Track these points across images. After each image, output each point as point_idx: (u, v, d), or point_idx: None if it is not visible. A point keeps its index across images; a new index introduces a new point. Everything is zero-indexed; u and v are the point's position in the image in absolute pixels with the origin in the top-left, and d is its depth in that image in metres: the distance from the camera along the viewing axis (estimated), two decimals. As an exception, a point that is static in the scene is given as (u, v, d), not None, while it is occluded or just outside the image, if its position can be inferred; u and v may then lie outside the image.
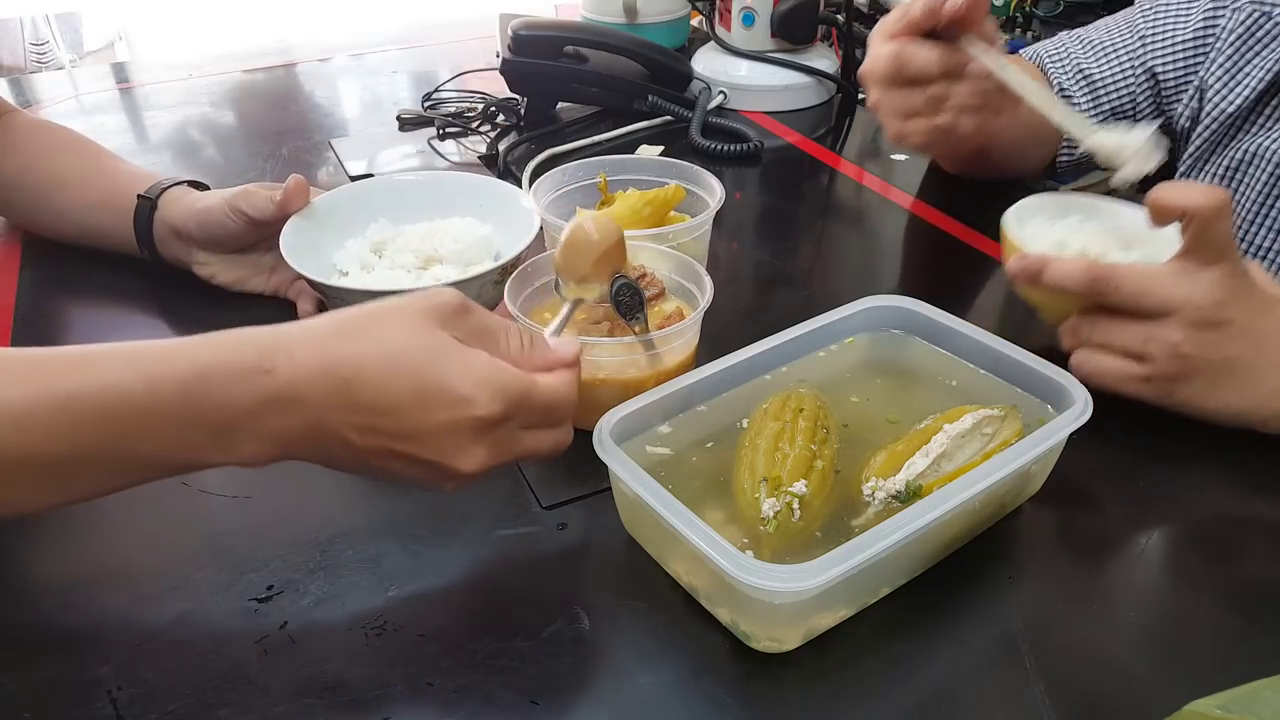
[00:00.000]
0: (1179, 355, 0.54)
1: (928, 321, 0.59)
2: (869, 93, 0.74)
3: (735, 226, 0.88)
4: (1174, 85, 0.82)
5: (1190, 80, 0.80)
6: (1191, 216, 0.52)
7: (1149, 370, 0.55)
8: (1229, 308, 0.53)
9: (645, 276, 0.62)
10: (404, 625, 0.47)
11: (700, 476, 0.51)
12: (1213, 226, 0.52)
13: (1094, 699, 0.44)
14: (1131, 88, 0.84)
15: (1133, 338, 0.55)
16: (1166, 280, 0.54)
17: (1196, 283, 0.53)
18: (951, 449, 0.49)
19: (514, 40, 1.03)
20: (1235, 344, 0.54)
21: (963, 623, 0.48)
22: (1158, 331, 0.54)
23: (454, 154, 1.02)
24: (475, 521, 0.54)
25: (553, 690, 0.44)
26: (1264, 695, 0.34)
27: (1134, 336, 0.55)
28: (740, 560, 0.41)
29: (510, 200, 0.74)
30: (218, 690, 0.44)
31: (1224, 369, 0.54)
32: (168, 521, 0.54)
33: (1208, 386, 0.55)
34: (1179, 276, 0.53)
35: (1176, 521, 0.55)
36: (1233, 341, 0.54)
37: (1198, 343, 0.53)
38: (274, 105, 1.18)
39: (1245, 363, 0.54)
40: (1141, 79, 0.83)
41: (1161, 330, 0.54)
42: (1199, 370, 0.54)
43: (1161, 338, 0.54)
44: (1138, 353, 0.55)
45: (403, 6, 1.60)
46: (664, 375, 0.57)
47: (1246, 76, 0.75)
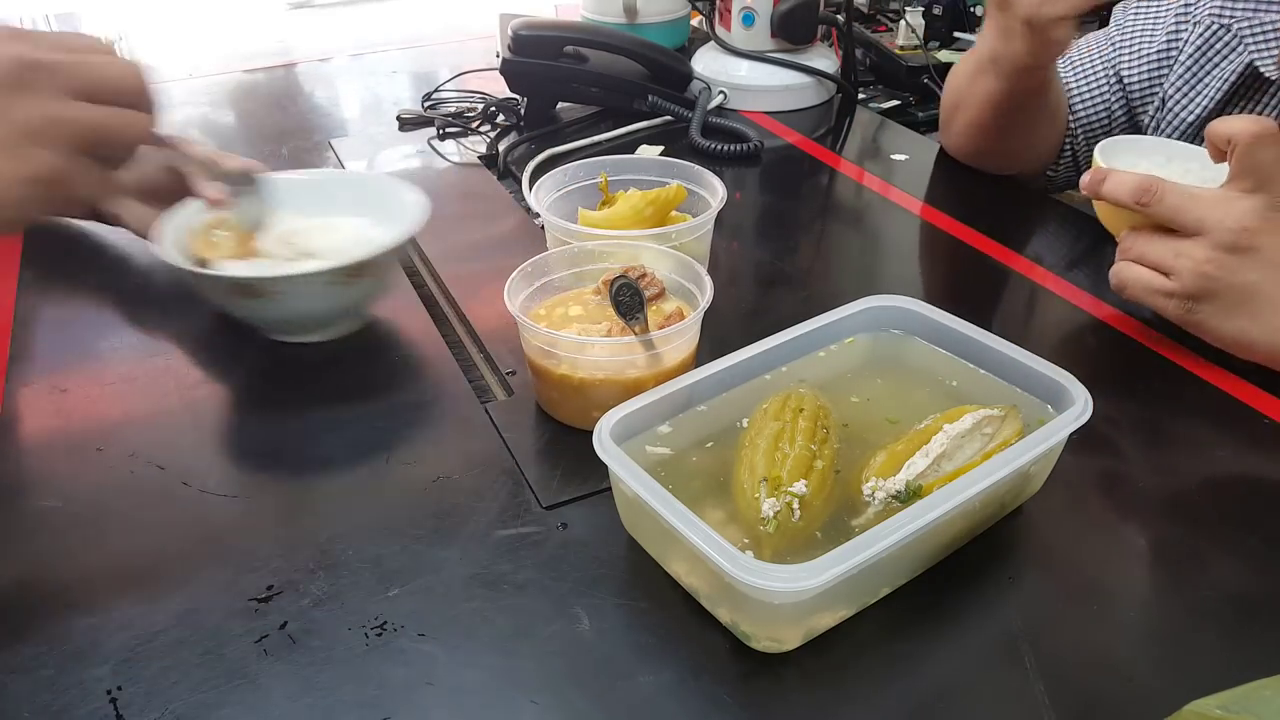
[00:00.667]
0: (1202, 274, 0.56)
1: (928, 321, 0.59)
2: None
3: (735, 226, 0.88)
4: (1139, 94, 0.85)
5: (1155, 90, 0.83)
6: (1237, 141, 0.54)
7: (1174, 286, 0.57)
8: (1258, 236, 0.55)
9: (645, 276, 0.62)
10: (404, 625, 0.47)
11: (700, 476, 0.51)
12: (1255, 153, 0.54)
13: (1094, 699, 0.44)
14: (1107, 98, 0.87)
15: (1165, 251, 0.57)
16: (1206, 200, 0.56)
17: (1231, 207, 0.55)
18: (951, 449, 0.49)
19: (514, 40, 1.03)
20: (1257, 272, 0.55)
21: (963, 623, 0.48)
22: (1187, 248, 0.56)
23: (454, 154, 1.02)
24: (475, 521, 0.54)
25: (552, 690, 0.44)
26: (1264, 695, 0.34)
27: (1166, 250, 0.57)
28: (740, 560, 0.41)
29: (410, 208, 0.70)
30: (218, 690, 0.44)
31: (1243, 294, 0.56)
32: (168, 521, 0.54)
33: (1224, 310, 0.57)
34: (1218, 199, 0.56)
35: (1177, 521, 0.54)
36: (1255, 269, 0.55)
37: (1221, 264, 0.55)
38: (274, 105, 1.18)
39: (1264, 292, 0.56)
40: (1115, 89, 0.86)
41: (1191, 247, 0.56)
42: (1219, 292, 0.56)
43: (1189, 253, 0.56)
44: (1168, 266, 0.57)
45: (403, 6, 1.60)
46: (664, 375, 0.57)
47: (1205, 87, 0.78)
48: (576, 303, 0.64)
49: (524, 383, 0.65)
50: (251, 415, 0.63)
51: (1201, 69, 0.78)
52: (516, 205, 0.91)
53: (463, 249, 0.84)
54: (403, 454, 0.59)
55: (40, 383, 0.66)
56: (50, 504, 0.56)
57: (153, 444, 0.60)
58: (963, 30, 1.23)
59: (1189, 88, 0.79)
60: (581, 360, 0.57)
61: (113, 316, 0.75)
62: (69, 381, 0.66)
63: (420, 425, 0.61)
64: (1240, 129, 0.55)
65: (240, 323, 0.68)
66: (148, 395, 0.65)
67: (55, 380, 0.66)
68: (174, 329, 0.72)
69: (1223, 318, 0.57)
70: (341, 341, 0.70)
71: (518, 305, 0.59)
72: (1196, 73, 0.79)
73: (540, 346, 0.58)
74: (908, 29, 1.20)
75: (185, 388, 0.65)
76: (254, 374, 0.67)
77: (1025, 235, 0.84)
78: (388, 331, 0.72)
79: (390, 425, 0.61)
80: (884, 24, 1.30)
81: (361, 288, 0.67)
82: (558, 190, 0.75)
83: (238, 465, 0.59)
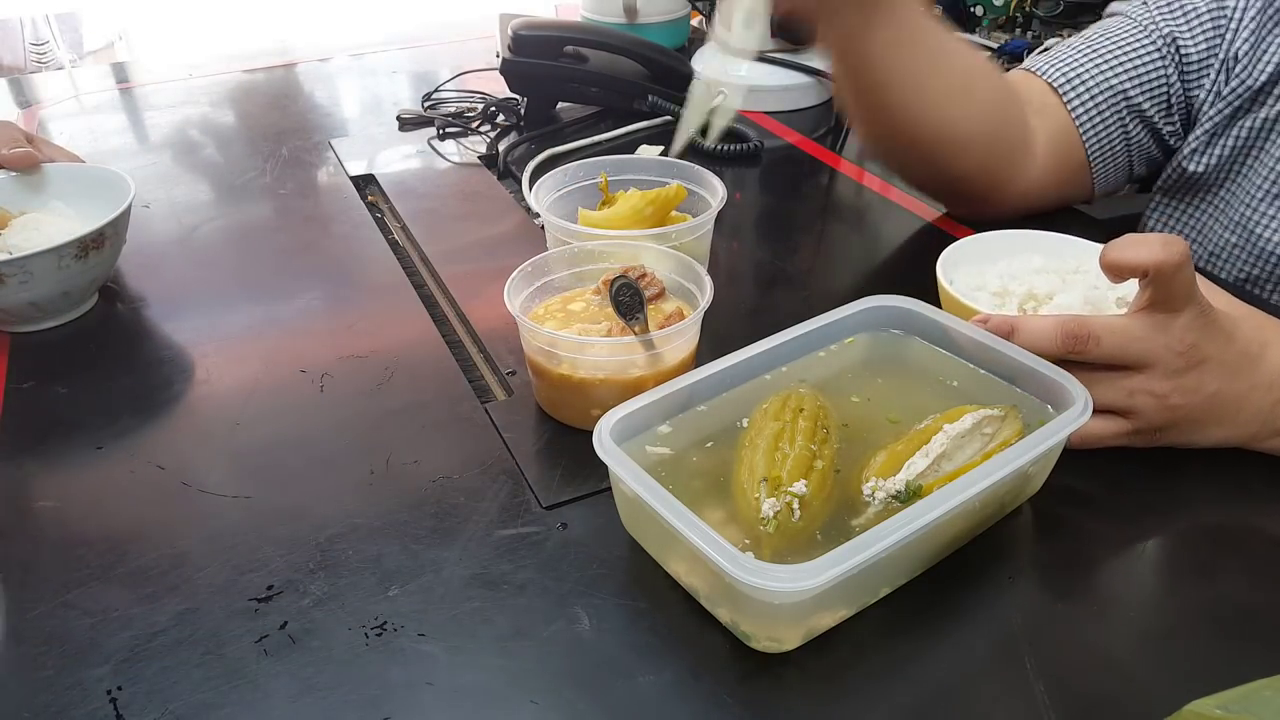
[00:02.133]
0: (1168, 408, 0.54)
1: (928, 321, 0.59)
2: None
3: (735, 226, 0.88)
4: (1198, 61, 0.77)
5: (1212, 57, 0.77)
6: (1155, 273, 0.51)
7: (1138, 425, 0.55)
8: (1203, 347, 0.53)
9: (645, 276, 0.62)
10: (404, 625, 0.47)
11: (700, 476, 0.51)
12: (1178, 278, 0.51)
13: (1094, 699, 0.44)
14: (1165, 69, 0.78)
15: (1115, 395, 0.54)
16: (1141, 333, 0.53)
17: (1172, 331, 0.52)
18: (951, 449, 0.49)
19: (514, 40, 1.03)
20: (1215, 380, 0.54)
21: (963, 623, 0.48)
22: (1140, 384, 0.54)
23: (454, 154, 1.02)
24: (475, 521, 0.54)
25: (553, 690, 0.44)
26: (1264, 695, 0.34)
27: (1116, 393, 0.54)
28: (740, 560, 0.41)
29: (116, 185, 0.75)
30: (218, 690, 0.44)
31: (1210, 407, 0.54)
32: (168, 521, 0.54)
33: (1196, 427, 0.55)
34: (1153, 328, 0.53)
35: (1177, 521, 0.55)
36: (1214, 379, 0.54)
37: (1184, 390, 0.53)
38: (274, 105, 1.18)
39: (1224, 396, 0.54)
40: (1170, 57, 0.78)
41: (1145, 382, 0.53)
42: (1186, 416, 0.54)
43: (1147, 390, 0.53)
44: (1123, 407, 0.54)
45: (403, 6, 1.60)
46: (664, 375, 0.57)
47: (1269, 49, 0.74)
48: (577, 302, 0.64)
49: (524, 383, 0.65)
50: (252, 415, 0.63)
51: (1268, 30, 0.74)
52: (516, 205, 0.91)
53: (463, 249, 0.84)
54: (403, 454, 0.59)
55: (40, 382, 0.66)
56: (50, 504, 0.56)
57: (153, 444, 0.60)
58: (963, 30, 1.23)
59: (1255, 50, 0.74)
60: (581, 360, 0.57)
61: (113, 315, 0.75)
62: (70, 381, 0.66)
63: (420, 425, 0.61)
64: (1160, 258, 0.50)
65: (239, 324, 0.68)
66: (148, 395, 0.65)
67: (56, 380, 0.66)
68: (174, 329, 0.73)
69: (1195, 433, 0.55)
70: (341, 341, 0.70)
71: (518, 305, 0.59)
72: (1262, 35, 0.74)
73: (540, 346, 0.58)
74: (908, 29, 1.20)
75: (186, 387, 0.65)
76: (252, 373, 0.67)
77: (1032, 224, 0.84)
78: (388, 332, 0.72)
79: (390, 425, 0.61)
80: (884, 24, 1.31)
81: (96, 263, 0.70)
82: (558, 190, 0.75)
83: (238, 465, 0.59)
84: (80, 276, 0.70)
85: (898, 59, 0.72)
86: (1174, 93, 0.79)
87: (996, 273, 0.66)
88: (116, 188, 0.75)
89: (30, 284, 0.67)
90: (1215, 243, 0.81)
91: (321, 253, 0.84)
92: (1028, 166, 0.80)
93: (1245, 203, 0.77)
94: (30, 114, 1.17)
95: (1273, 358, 0.55)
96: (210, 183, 0.98)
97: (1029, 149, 0.80)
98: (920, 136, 0.77)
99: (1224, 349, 0.54)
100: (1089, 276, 0.64)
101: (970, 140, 0.77)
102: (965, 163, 0.78)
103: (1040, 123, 0.80)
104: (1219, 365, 0.54)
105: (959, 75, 0.75)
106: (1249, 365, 0.54)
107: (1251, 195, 0.76)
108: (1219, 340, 0.54)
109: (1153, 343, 0.53)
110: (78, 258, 0.68)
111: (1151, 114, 0.79)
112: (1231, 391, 0.54)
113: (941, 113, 0.75)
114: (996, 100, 0.78)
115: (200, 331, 0.72)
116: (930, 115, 0.75)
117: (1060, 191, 0.83)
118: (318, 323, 0.73)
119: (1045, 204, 0.83)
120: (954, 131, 0.76)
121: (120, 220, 0.71)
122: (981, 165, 0.78)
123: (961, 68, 0.75)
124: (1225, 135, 0.77)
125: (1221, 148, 0.77)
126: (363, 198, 0.93)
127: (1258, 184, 0.76)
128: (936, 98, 0.75)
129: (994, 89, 0.78)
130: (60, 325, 0.72)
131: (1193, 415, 0.54)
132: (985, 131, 0.77)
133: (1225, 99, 0.76)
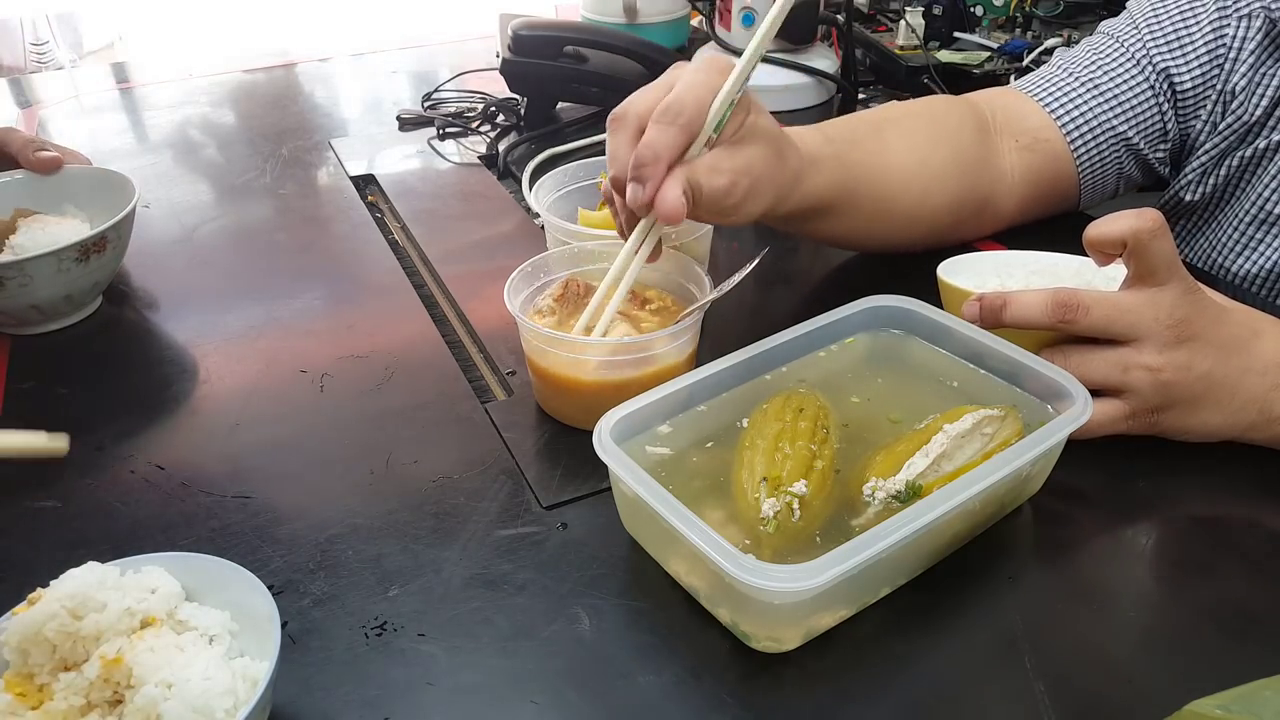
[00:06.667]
0: (1162, 382, 0.53)
1: (928, 321, 0.59)
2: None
3: (735, 227, 0.87)
4: (1193, 94, 0.78)
5: (1209, 91, 0.77)
6: (1133, 242, 0.51)
7: (1135, 405, 0.55)
8: (1194, 323, 0.53)
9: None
10: (404, 625, 0.47)
11: (700, 476, 0.51)
12: (1155, 246, 0.51)
13: (1094, 699, 0.44)
14: (1159, 102, 0.78)
15: (1109, 369, 0.54)
16: (1131, 305, 0.53)
17: (1160, 304, 0.52)
18: (951, 449, 0.49)
19: (514, 40, 1.03)
20: (1208, 359, 0.53)
21: (963, 623, 0.48)
22: (1132, 357, 0.53)
23: (454, 154, 1.02)
24: (475, 521, 0.54)
25: (552, 690, 0.44)
26: (1264, 695, 0.34)
27: (1110, 368, 0.54)
28: (740, 560, 0.41)
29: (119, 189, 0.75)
30: (218, 690, 0.44)
31: (1204, 387, 0.54)
32: (168, 521, 0.54)
33: (1188, 409, 0.55)
34: (1143, 301, 0.53)
35: (1176, 521, 0.55)
36: (1206, 356, 0.53)
37: (1177, 365, 0.53)
38: (274, 105, 1.18)
39: (1217, 377, 0.54)
40: (1164, 89, 0.78)
41: (1137, 355, 0.53)
42: (1181, 394, 0.54)
43: (1140, 364, 0.53)
44: (1116, 384, 0.54)
45: (403, 6, 1.60)
46: (664, 375, 0.57)
47: (1264, 83, 0.74)
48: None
49: (524, 383, 0.65)
50: (252, 415, 0.63)
51: (1263, 63, 0.74)
52: (516, 205, 0.91)
53: (463, 249, 0.84)
54: (403, 454, 0.59)
55: (41, 383, 0.66)
56: (50, 504, 0.56)
57: (153, 444, 0.60)
58: (963, 30, 1.23)
59: (1251, 85, 0.74)
60: (581, 360, 0.57)
61: (113, 315, 0.75)
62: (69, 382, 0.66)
63: (420, 425, 0.61)
64: (1132, 227, 0.51)
65: (238, 325, 0.68)
66: (148, 395, 0.65)
67: (56, 381, 0.66)
68: (174, 329, 0.73)
69: (1188, 417, 0.55)
70: (341, 341, 0.70)
71: (518, 305, 0.59)
72: (1258, 69, 0.74)
73: (540, 346, 0.58)
74: (908, 29, 1.20)
75: (186, 388, 0.65)
76: (252, 373, 0.67)
77: (1026, 235, 0.84)
78: (388, 332, 0.72)
79: (390, 425, 0.61)
80: (884, 24, 1.30)
81: (97, 266, 0.70)
82: (558, 190, 0.75)
83: (238, 465, 0.59)
84: (82, 280, 0.70)
85: (828, 213, 0.68)
86: (1169, 127, 0.79)
87: (995, 275, 0.67)
88: (122, 190, 0.75)
89: (30, 287, 0.67)
90: (1207, 264, 0.81)
91: (321, 253, 0.84)
92: (1000, 205, 0.79)
93: (1225, 231, 0.78)
94: (30, 114, 1.17)
95: (1266, 344, 0.55)
96: (210, 183, 0.98)
97: (999, 191, 0.78)
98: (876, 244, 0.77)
99: (1214, 328, 0.54)
100: (1086, 278, 0.64)
101: (934, 218, 0.76)
102: (931, 237, 0.77)
103: (1029, 159, 0.79)
104: (1209, 344, 0.54)
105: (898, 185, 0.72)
106: (1240, 348, 0.54)
107: (1258, 207, 0.76)
108: (1208, 318, 0.54)
109: (1142, 314, 0.53)
110: (79, 261, 0.68)
111: (1145, 151, 0.80)
112: (1224, 373, 0.54)
113: (890, 223, 0.74)
114: (950, 174, 0.75)
115: (200, 332, 0.72)
116: (878, 228, 0.74)
117: (1041, 213, 0.83)
118: (318, 323, 0.73)
119: (1024, 223, 0.83)
120: (911, 225, 0.75)
121: (123, 224, 0.71)
122: (951, 228, 0.77)
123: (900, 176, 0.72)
124: (1220, 166, 0.78)
125: (1216, 177, 0.78)
126: (363, 198, 0.93)
127: (1239, 214, 0.76)
128: (885, 215, 0.73)
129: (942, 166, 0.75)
130: (61, 329, 0.72)
131: (1187, 395, 0.54)
132: (945, 205, 0.75)
133: (1221, 133, 0.77)
